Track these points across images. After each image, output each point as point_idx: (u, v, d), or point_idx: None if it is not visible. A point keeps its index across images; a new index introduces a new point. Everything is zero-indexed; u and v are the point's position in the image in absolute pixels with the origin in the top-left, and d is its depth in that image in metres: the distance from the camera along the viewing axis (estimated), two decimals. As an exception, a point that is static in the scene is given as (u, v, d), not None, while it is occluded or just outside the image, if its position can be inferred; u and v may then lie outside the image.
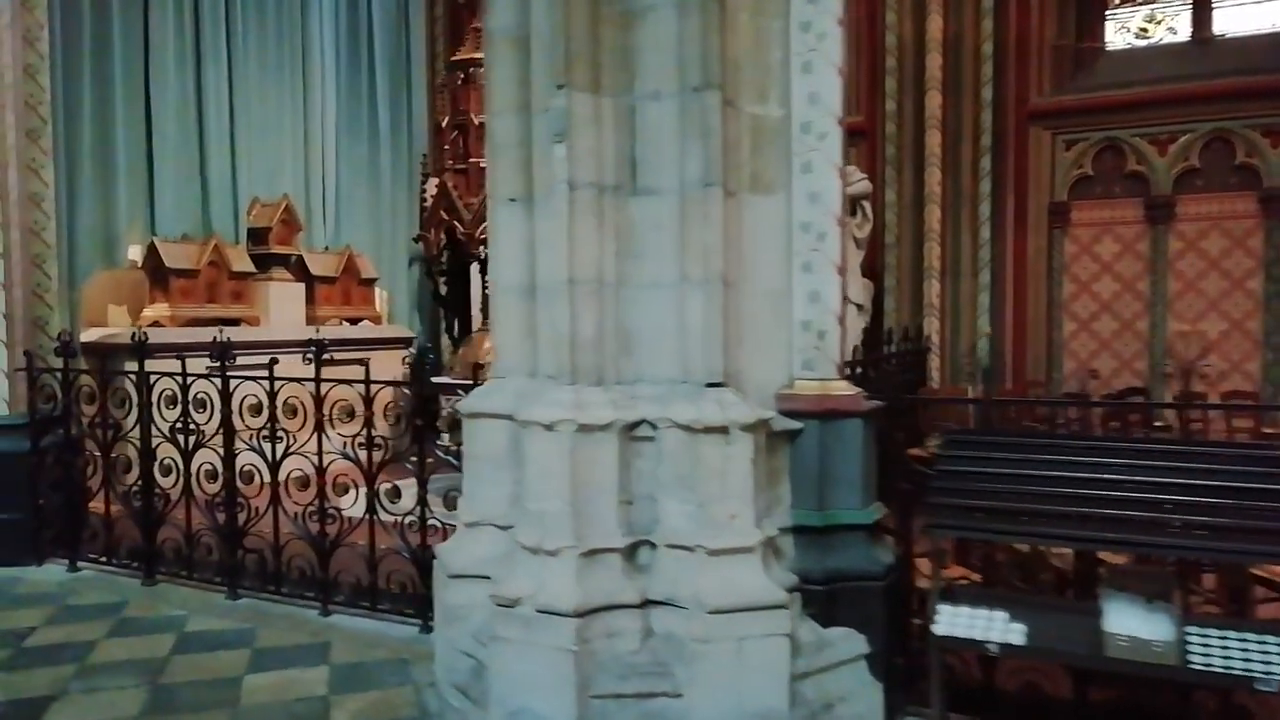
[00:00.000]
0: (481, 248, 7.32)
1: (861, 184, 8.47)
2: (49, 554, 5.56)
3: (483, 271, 7.85)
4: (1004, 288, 8.95)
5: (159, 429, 5.17)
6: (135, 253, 8.23)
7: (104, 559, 5.41)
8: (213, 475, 4.99)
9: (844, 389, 3.39)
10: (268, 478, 4.88)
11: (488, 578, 3.26)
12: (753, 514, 3.05)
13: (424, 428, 4.79)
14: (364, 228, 10.24)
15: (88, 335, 7.44)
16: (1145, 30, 9.37)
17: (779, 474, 3.30)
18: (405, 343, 10.14)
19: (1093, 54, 9.21)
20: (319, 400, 4.81)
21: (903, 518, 3.53)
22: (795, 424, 3.29)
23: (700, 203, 3.14)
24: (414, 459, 4.62)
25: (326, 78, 9.72)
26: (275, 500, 4.82)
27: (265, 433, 4.85)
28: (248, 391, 4.97)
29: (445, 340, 11.28)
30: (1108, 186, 8.80)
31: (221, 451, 4.96)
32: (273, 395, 4.86)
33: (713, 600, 2.93)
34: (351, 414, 4.76)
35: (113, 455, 5.37)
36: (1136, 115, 8.61)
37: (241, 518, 4.92)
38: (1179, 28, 9.19)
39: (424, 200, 7.65)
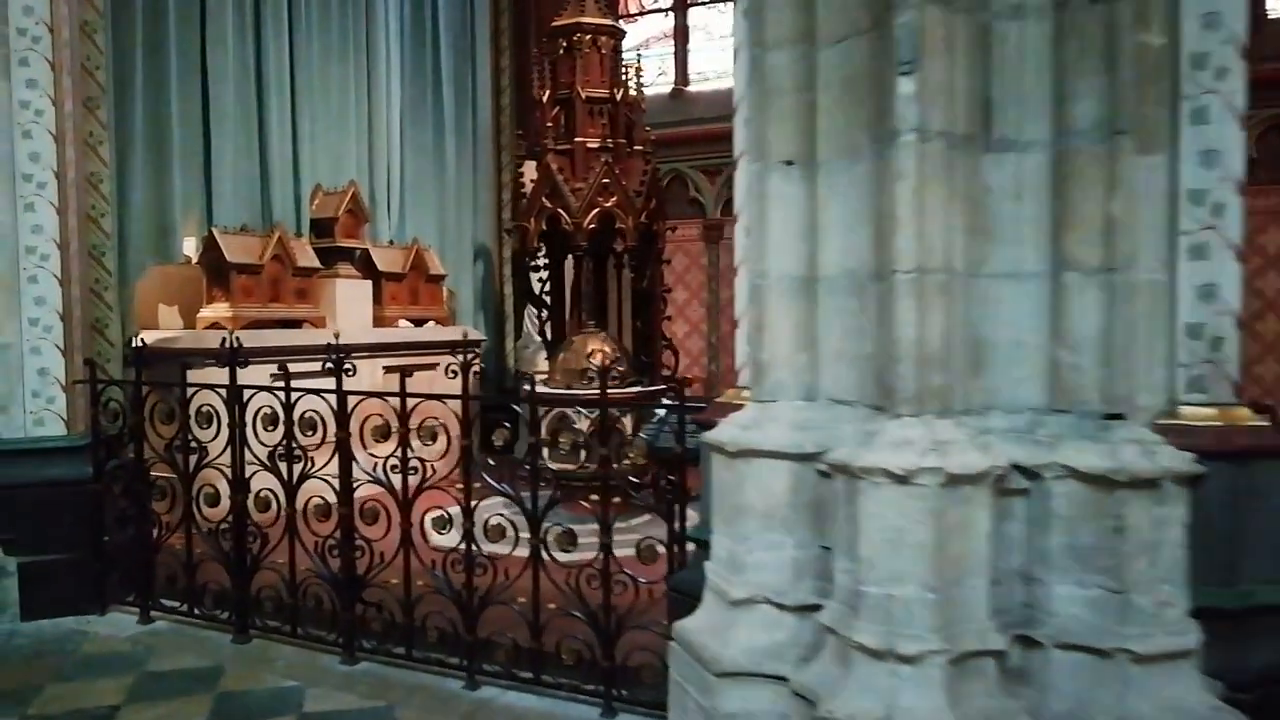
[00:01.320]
0: (584, 238, 6.44)
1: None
2: (114, 600, 4.68)
3: (598, 264, 6.99)
4: None
5: (254, 454, 4.29)
6: (189, 248, 7.35)
7: (183, 608, 4.52)
8: (324, 511, 4.10)
9: (1252, 418, 2.48)
10: (392, 514, 3.99)
11: (780, 678, 2.36)
12: (1185, 600, 2.15)
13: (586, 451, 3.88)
14: (429, 219, 9.34)
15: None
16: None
17: (1169, 536, 2.40)
18: (474, 346, 9.25)
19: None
20: (466, 422, 3.90)
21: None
22: (1198, 467, 2.38)
23: (1094, 159, 2.24)
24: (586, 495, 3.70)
25: (391, 55, 8.82)
26: (406, 543, 3.94)
27: (394, 461, 3.95)
28: (367, 410, 4.07)
29: (509, 344, 10.42)
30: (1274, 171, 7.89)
31: (335, 483, 4.07)
32: (404, 415, 3.97)
33: (1148, 729, 2.04)
34: (434, 436, 3.96)
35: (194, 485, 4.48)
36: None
37: (362, 563, 4.03)
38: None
39: (520, 186, 6.76)
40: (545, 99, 6.63)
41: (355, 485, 4.05)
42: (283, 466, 4.18)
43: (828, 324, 2.52)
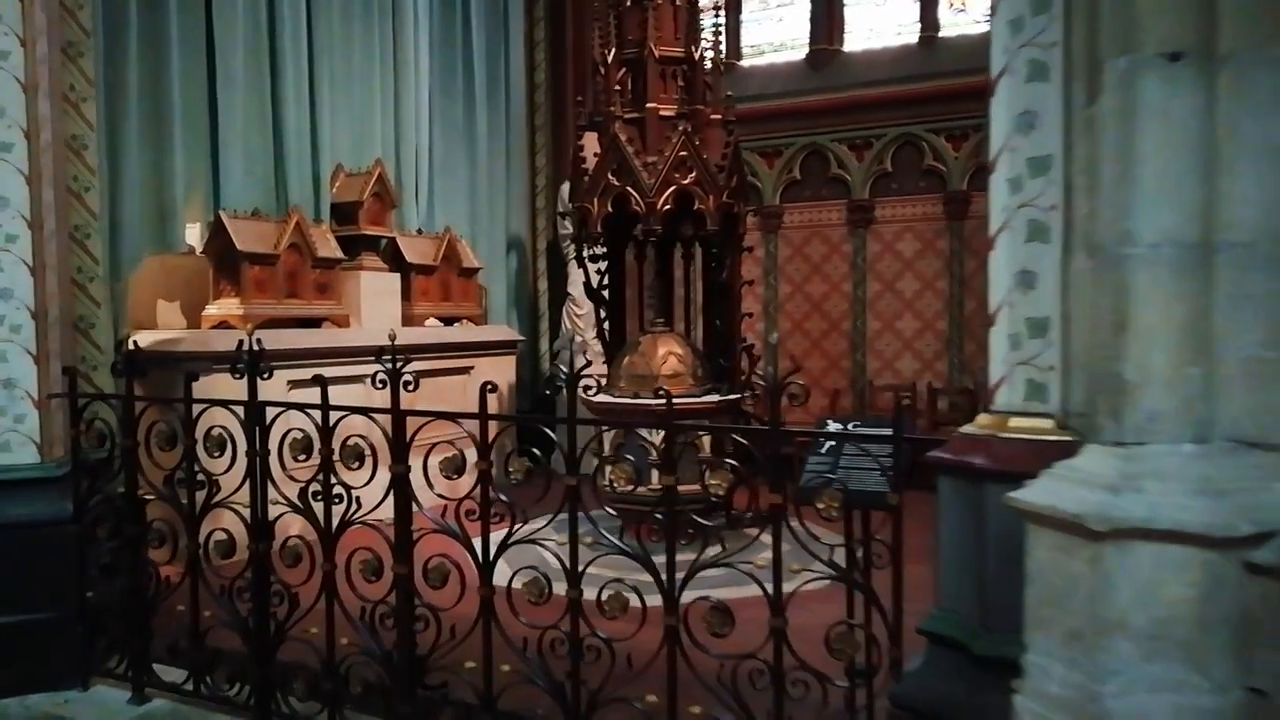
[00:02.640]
0: (658, 221, 5.46)
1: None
2: (100, 671, 3.70)
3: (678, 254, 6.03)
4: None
5: (281, 490, 3.30)
6: (192, 236, 6.37)
7: (188, 683, 3.53)
8: (374, 569, 3.11)
9: None
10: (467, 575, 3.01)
11: None
12: None
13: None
14: (460, 207, 8.37)
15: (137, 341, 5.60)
16: None
17: None
18: (512, 346, 8.28)
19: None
20: (485, 446, 2.94)
21: None
22: None
23: None
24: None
25: (419, 17, 7.84)
26: (487, 614, 2.95)
27: (471, 505, 2.98)
28: (430, 435, 3.11)
29: (545, 344, 9.44)
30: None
31: (389, 531, 3.09)
32: (485, 444, 3.00)
33: None
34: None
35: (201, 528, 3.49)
36: None
37: (425, 638, 3.05)
38: None
39: (581, 159, 5.76)
40: (610, 59, 5.65)
41: (416, 536, 3.06)
42: (318, 508, 3.19)
43: (1236, 318, 1.54)
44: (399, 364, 3.09)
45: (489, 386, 2.98)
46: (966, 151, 7.99)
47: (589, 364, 5.41)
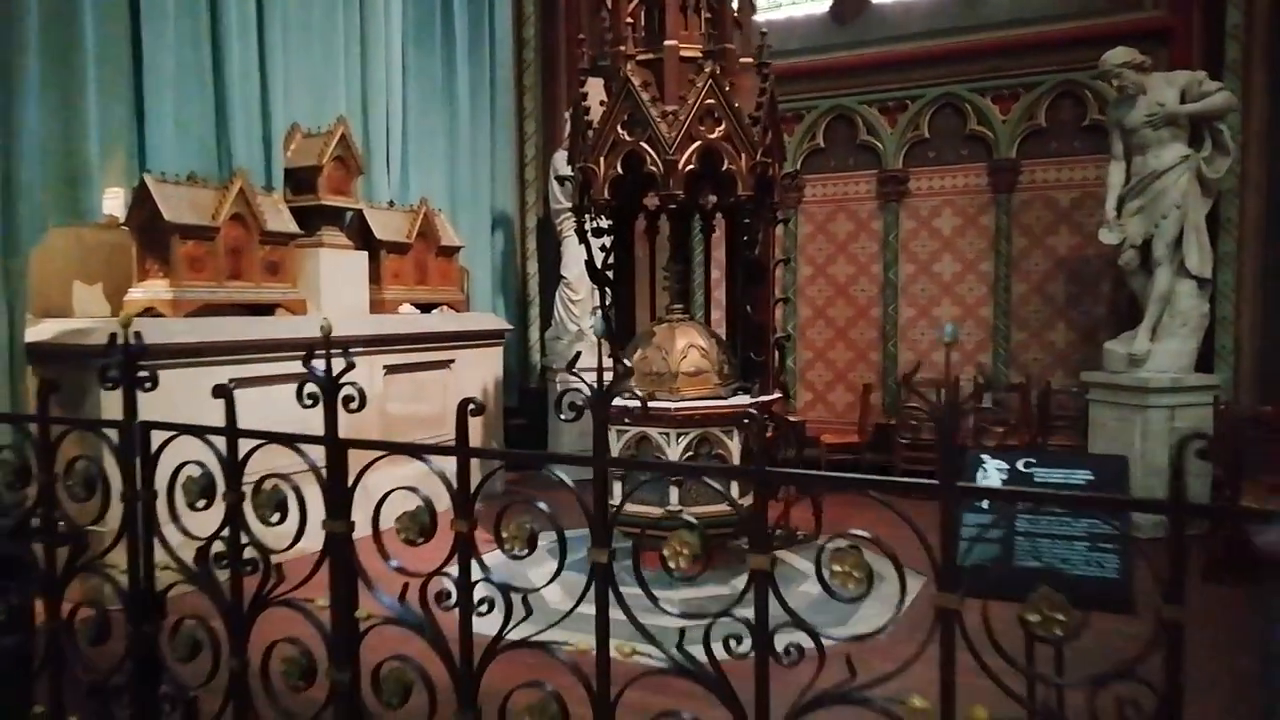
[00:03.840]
0: (679, 185, 4.48)
1: (1218, 98, 5.63)
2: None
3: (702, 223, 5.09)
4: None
5: (171, 549, 2.29)
6: (113, 204, 5.34)
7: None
8: (303, 670, 2.11)
9: None
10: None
11: None
12: None
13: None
14: (438, 176, 7.34)
15: (38, 333, 4.58)
16: None
17: None
18: (498, 336, 7.26)
19: None
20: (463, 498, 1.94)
21: None
22: None
23: None
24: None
25: (390, -45, 6.79)
26: (469, 752, 1.96)
27: (442, 586, 1.99)
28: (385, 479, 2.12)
29: (535, 334, 8.44)
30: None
31: (325, 616, 2.09)
32: (465, 496, 2.01)
33: None
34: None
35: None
36: None
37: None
38: None
39: (584, 110, 4.73)
40: (619, -11, 4.63)
41: (363, 626, 2.06)
42: (223, 576, 2.19)
43: None
44: (342, 369, 2.07)
45: (470, 408, 1.96)
46: (1016, 114, 7.02)
47: (579, 355, 4.48)
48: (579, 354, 4.78)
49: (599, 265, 5.26)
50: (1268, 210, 6.04)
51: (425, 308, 6.80)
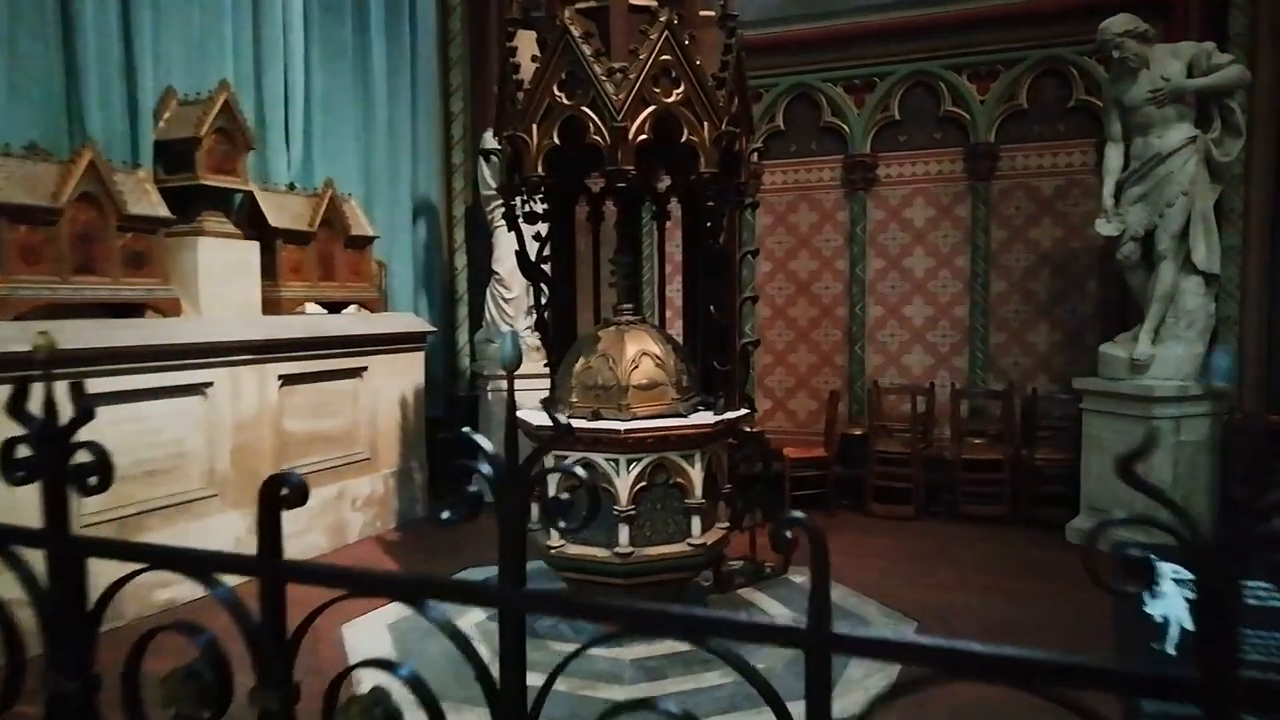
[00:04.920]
0: (629, 159, 3.69)
1: (1230, 71, 5.03)
2: None
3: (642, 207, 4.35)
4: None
5: None
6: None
7: None
8: None
9: None
10: None
11: None
12: None
13: None
14: (349, 156, 6.41)
15: None
16: None
17: None
18: (419, 340, 6.37)
19: None
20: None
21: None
22: None
23: None
24: None
25: (288, -102, 5.84)
26: None
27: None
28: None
29: (464, 336, 7.56)
30: None
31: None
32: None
33: None
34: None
35: None
36: None
37: None
38: None
39: (513, 67, 3.88)
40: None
41: None
42: None
43: None
44: (74, 419, 1.21)
45: (283, 493, 1.11)
46: (995, 94, 6.38)
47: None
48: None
49: (533, 257, 4.43)
50: (1275, 199, 5.48)
51: (334, 307, 5.88)
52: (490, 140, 5.44)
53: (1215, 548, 0.75)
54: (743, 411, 4.26)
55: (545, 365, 4.61)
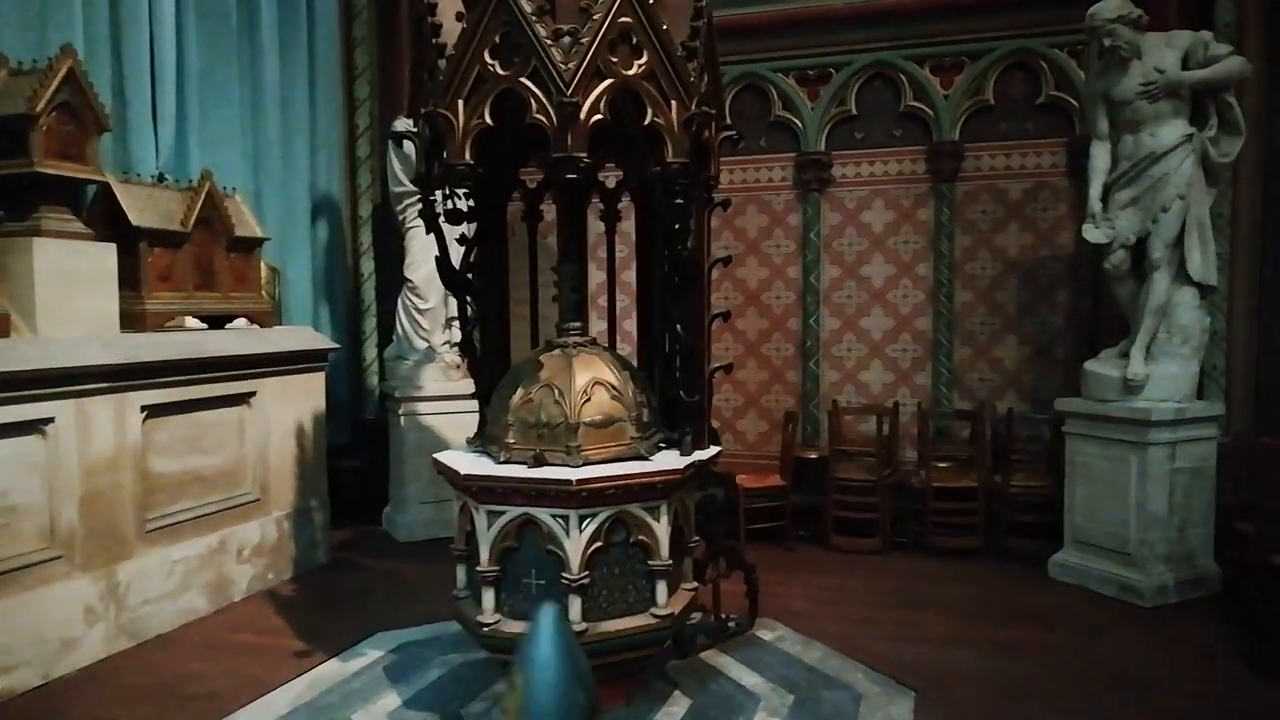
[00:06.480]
0: (579, 144, 2.98)
1: (1232, 63, 4.61)
2: None
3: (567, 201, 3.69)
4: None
5: None
6: None
7: None
8: None
9: None
10: None
11: None
12: None
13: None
14: (233, 144, 5.49)
15: None
16: None
17: None
18: (319, 359, 5.48)
19: None
20: None
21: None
22: None
23: None
24: None
25: None
26: None
27: None
28: None
29: (372, 352, 6.70)
30: None
31: None
32: None
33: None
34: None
35: None
36: None
37: None
38: None
39: (434, 28, 3.10)
40: None
41: None
42: None
43: None
44: None
45: None
46: (959, 88, 5.87)
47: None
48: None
49: (456, 264, 3.65)
50: (1265, 204, 5.10)
51: (215, 321, 4.97)
52: (404, 123, 4.65)
53: None
54: (713, 450, 3.57)
55: (472, 390, 3.83)
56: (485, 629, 3.21)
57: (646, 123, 3.08)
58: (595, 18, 2.97)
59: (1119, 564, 4.72)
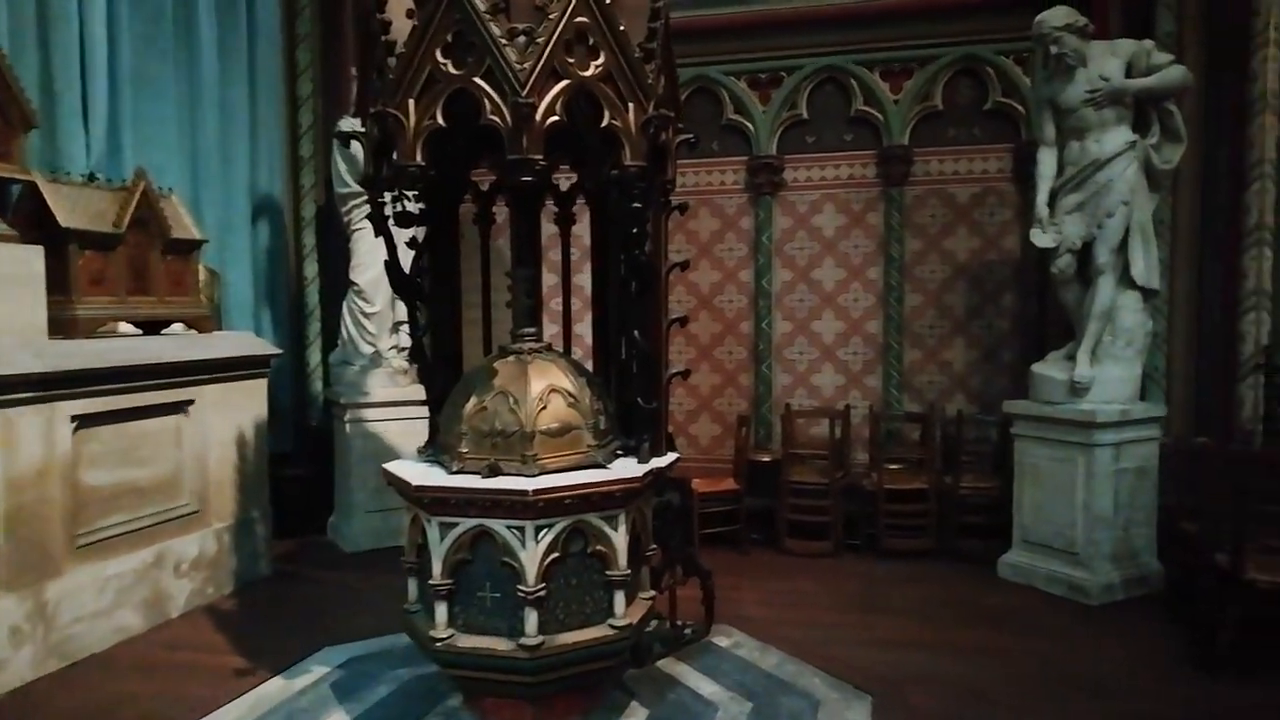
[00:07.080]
0: (535, 147, 2.91)
1: (1173, 72, 4.71)
2: None
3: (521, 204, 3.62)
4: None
5: None
6: None
7: None
8: None
9: None
10: None
11: None
12: None
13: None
14: (169, 141, 5.29)
15: None
16: None
17: None
18: (261, 365, 5.31)
19: None
20: None
21: None
22: None
23: None
24: None
25: None
26: None
27: None
28: None
29: (316, 356, 6.53)
30: None
31: None
32: None
33: None
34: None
35: None
36: None
37: None
38: None
39: (383, 25, 3.00)
40: None
41: None
42: None
43: None
44: None
45: None
46: (909, 93, 5.93)
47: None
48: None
49: (406, 269, 3.55)
50: (1202, 210, 5.23)
51: (150, 327, 4.77)
52: (350, 123, 4.53)
53: None
54: (671, 457, 3.52)
55: (421, 396, 3.73)
56: (438, 644, 3.11)
57: (604, 125, 3.02)
58: (551, 17, 2.90)
59: (1067, 563, 4.79)
